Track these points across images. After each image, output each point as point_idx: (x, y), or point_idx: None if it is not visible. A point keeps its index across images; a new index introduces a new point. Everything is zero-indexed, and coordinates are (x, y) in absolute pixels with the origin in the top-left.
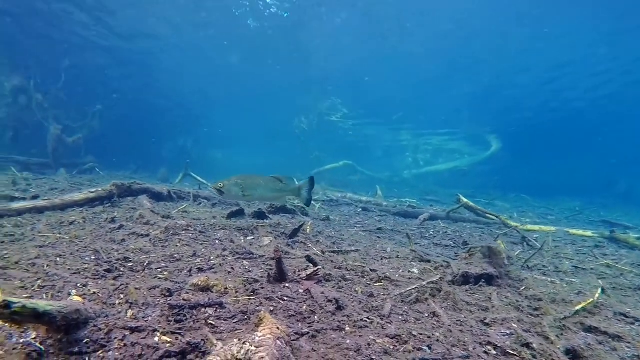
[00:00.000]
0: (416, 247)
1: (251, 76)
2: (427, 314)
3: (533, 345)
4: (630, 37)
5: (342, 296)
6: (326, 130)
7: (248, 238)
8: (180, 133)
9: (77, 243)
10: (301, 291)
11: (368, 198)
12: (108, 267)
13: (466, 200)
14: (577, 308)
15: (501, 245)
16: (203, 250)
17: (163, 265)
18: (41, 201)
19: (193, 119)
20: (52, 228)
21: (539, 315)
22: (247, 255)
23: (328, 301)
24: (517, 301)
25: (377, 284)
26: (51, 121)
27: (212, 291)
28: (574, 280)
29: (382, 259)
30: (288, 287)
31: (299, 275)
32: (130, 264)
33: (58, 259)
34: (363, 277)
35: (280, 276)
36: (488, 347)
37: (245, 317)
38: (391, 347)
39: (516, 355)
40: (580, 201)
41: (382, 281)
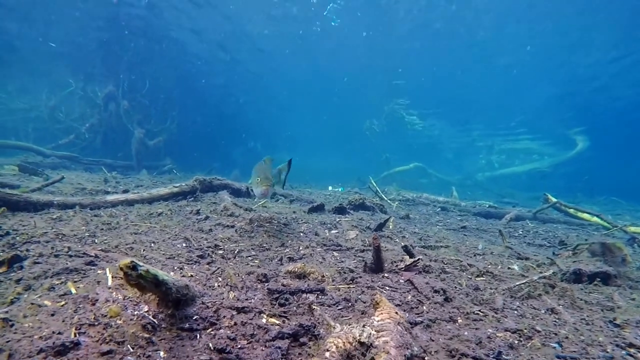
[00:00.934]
0: (510, 244)
1: (326, 80)
2: (544, 310)
3: None
4: None
5: (448, 287)
6: (397, 131)
7: (332, 232)
8: (250, 136)
9: (167, 231)
10: (402, 281)
11: (445, 198)
12: (200, 254)
13: (555, 199)
14: None
15: (619, 243)
16: (290, 241)
17: (253, 253)
18: (131, 194)
19: (265, 123)
20: (143, 219)
21: None
22: (336, 247)
23: (435, 292)
24: None
25: (479, 278)
26: (135, 125)
27: (309, 278)
28: None
29: (476, 255)
30: (387, 277)
31: (397, 265)
32: (220, 252)
33: (152, 245)
34: (463, 271)
35: (377, 266)
36: (631, 350)
37: (349, 305)
38: (515, 342)
39: None
40: None
41: (484, 275)
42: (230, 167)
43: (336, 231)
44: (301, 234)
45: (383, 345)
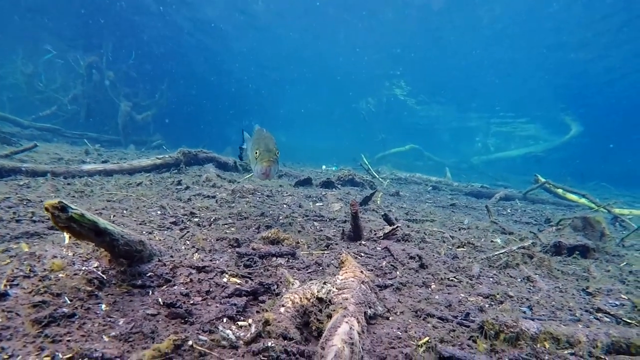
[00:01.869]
0: (496, 220)
1: (319, 56)
2: (520, 279)
3: None
4: None
5: (425, 254)
6: (393, 111)
7: (317, 204)
8: (245, 114)
9: (144, 200)
10: (379, 248)
11: (438, 178)
12: (174, 220)
13: (544, 180)
14: None
15: (599, 216)
16: (271, 212)
17: (230, 221)
18: (110, 164)
19: (259, 101)
20: (120, 188)
21: None
22: (318, 217)
23: (410, 258)
24: (621, 274)
25: (460, 249)
26: (122, 98)
27: (283, 244)
28: None
29: (461, 230)
30: (365, 245)
31: (376, 234)
32: (196, 219)
33: (125, 212)
34: (443, 242)
35: (355, 234)
36: (598, 315)
37: (320, 268)
38: (486, 306)
39: (636, 324)
40: None
41: (465, 246)
42: (223, 145)
43: (321, 204)
44: (284, 206)
45: (342, 301)
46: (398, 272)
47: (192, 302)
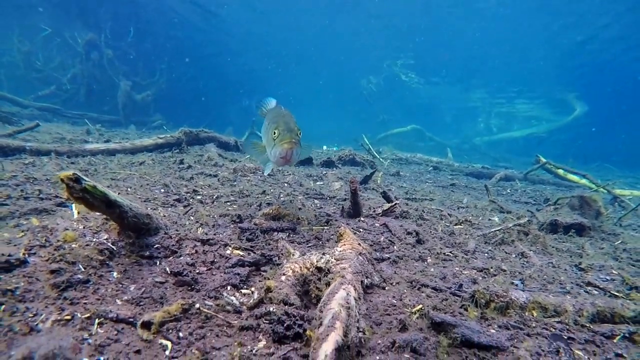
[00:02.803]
0: (496, 199)
1: (320, 32)
2: (515, 255)
3: None
4: None
5: (422, 231)
6: (395, 90)
7: (318, 183)
8: (245, 94)
9: (147, 179)
10: (378, 225)
11: (439, 159)
12: (177, 198)
13: (545, 160)
14: None
15: (595, 195)
16: (272, 190)
17: (232, 199)
18: (113, 144)
19: (259, 81)
20: (123, 167)
21: None
22: (318, 195)
23: (407, 233)
24: (615, 252)
25: (457, 226)
26: (121, 77)
27: (284, 220)
28: None
29: (459, 208)
30: (363, 221)
31: (374, 211)
32: (199, 197)
33: (129, 190)
34: (441, 219)
35: (355, 210)
36: (588, 288)
37: (319, 242)
38: (479, 278)
39: (623, 297)
40: None
41: (462, 224)
42: (225, 125)
43: (321, 182)
44: (285, 184)
45: (340, 270)
46: (395, 247)
47: (198, 272)
